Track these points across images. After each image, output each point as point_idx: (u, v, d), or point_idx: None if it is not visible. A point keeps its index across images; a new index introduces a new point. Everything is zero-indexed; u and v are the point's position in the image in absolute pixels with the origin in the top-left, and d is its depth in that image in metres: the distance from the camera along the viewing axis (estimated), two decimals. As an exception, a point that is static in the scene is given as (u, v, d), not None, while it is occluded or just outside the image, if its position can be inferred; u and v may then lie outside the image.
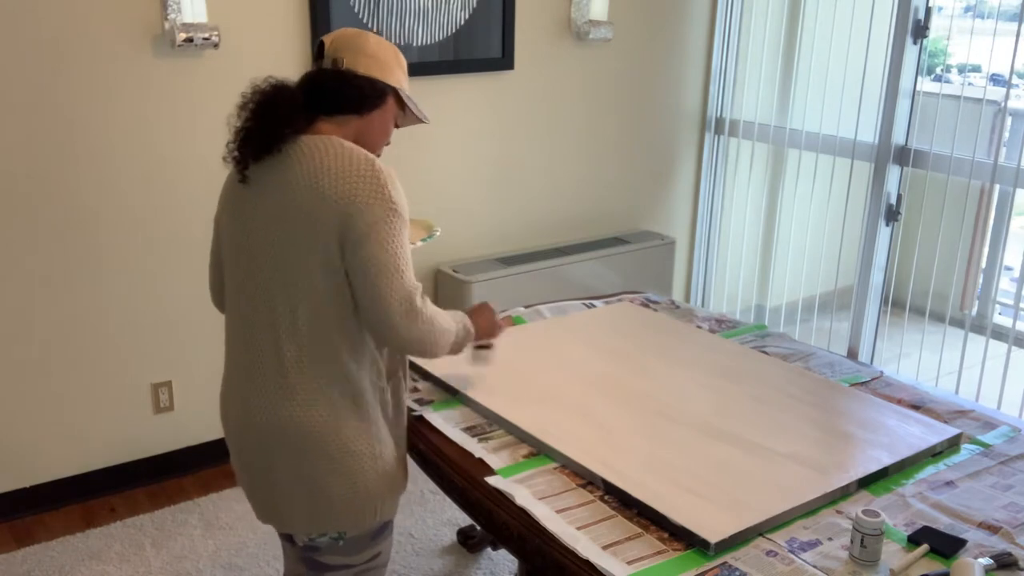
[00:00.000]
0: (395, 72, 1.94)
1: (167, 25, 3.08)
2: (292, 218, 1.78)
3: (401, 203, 1.81)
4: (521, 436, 2.16)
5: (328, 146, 1.81)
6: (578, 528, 1.82)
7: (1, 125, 2.97)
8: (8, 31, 2.91)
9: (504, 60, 3.91)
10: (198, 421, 3.55)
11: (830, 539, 1.80)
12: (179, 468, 3.55)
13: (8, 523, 3.23)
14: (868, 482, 1.99)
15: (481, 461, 2.07)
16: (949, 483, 2.01)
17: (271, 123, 1.81)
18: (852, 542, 1.71)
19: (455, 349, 2.01)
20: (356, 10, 3.47)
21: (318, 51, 1.95)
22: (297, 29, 3.40)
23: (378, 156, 1.93)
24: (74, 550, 3.08)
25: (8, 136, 2.98)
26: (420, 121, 2.06)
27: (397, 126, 2.02)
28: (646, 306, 3.04)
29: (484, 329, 2.16)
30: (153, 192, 3.26)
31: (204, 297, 3.43)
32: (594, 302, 3.06)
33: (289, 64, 3.41)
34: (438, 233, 2.96)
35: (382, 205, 1.77)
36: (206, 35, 3.10)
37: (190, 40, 3.08)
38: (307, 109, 1.87)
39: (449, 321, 1.93)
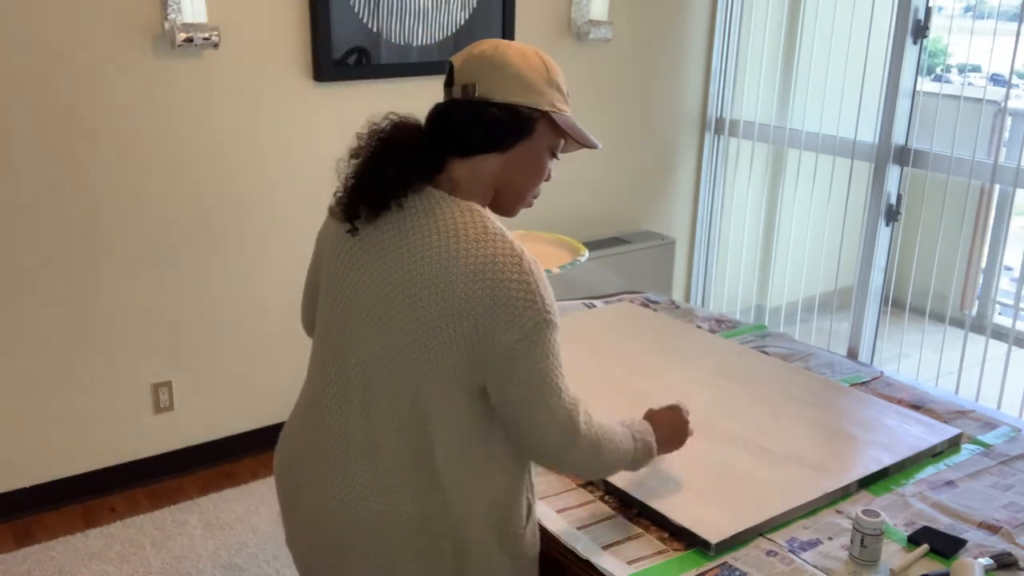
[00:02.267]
0: (545, 92, 1.57)
1: (167, 25, 3.08)
2: (405, 302, 1.48)
3: (555, 309, 1.50)
4: None
5: (468, 225, 1.48)
6: (578, 528, 1.82)
7: (0, 125, 2.97)
8: (8, 31, 2.91)
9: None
10: (198, 421, 3.55)
11: (830, 539, 1.80)
12: (179, 468, 3.55)
13: (8, 523, 3.23)
14: (868, 482, 1.99)
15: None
16: (949, 483, 2.01)
17: (390, 172, 1.50)
18: (852, 542, 1.71)
19: (632, 468, 1.72)
20: (356, 10, 3.47)
21: (448, 76, 1.59)
22: (297, 29, 3.40)
23: (534, 198, 1.66)
24: (74, 550, 3.08)
25: (8, 136, 2.98)
26: (587, 147, 1.68)
27: (556, 157, 1.65)
28: (646, 306, 3.04)
29: (667, 442, 1.82)
30: (153, 192, 3.26)
31: (204, 297, 3.43)
32: (594, 302, 3.06)
33: (289, 64, 3.41)
34: (585, 257, 2.66)
35: (532, 316, 1.46)
36: (206, 35, 3.10)
37: (190, 40, 3.08)
38: (437, 150, 1.55)
39: (623, 440, 1.64)
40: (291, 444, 1.67)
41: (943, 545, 1.75)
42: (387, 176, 1.50)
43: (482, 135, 1.54)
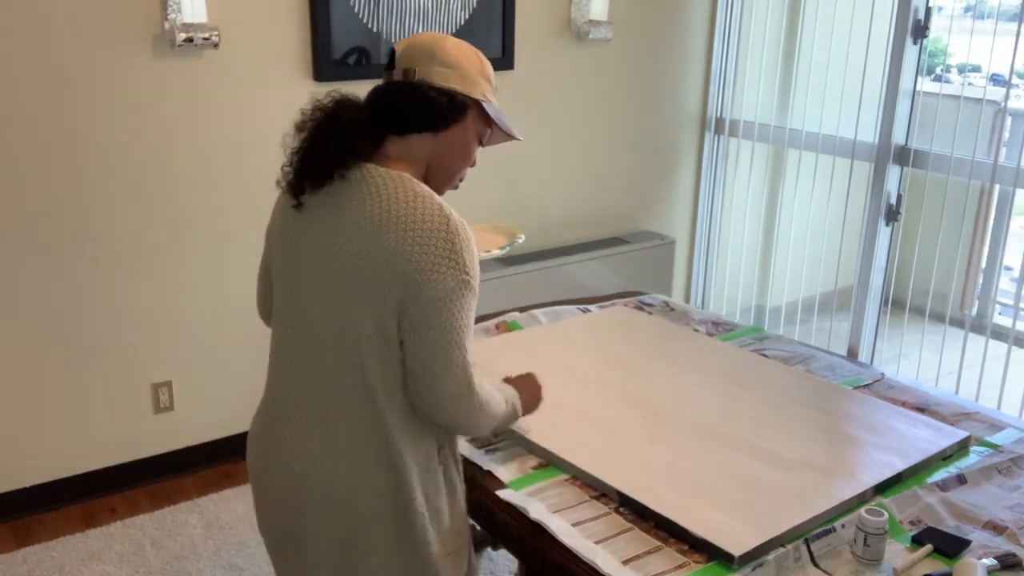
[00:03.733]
0: (478, 83, 1.69)
1: (167, 25, 3.07)
2: (346, 265, 1.58)
3: (475, 272, 1.60)
4: (528, 446, 2.11)
5: (399, 189, 1.59)
6: (596, 543, 1.77)
7: (0, 125, 2.96)
8: (7, 31, 2.90)
9: (504, 60, 3.90)
10: (198, 421, 3.54)
11: (843, 526, 1.79)
12: (179, 468, 3.54)
13: (8, 523, 3.22)
14: (883, 488, 1.97)
15: (481, 468, 2.03)
16: (959, 478, 2.00)
17: (332, 146, 1.60)
18: (855, 541, 1.71)
19: (498, 430, 1.86)
20: (356, 10, 3.47)
21: (388, 61, 1.72)
22: (297, 29, 3.40)
23: (460, 181, 1.78)
24: (74, 550, 3.07)
25: (7, 136, 2.97)
26: (510, 138, 1.80)
27: (482, 144, 1.77)
28: (641, 309, 3.01)
29: (530, 406, 1.99)
30: (153, 192, 3.25)
31: (205, 297, 3.43)
32: (588, 307, 3.03)
33: (289, 64, 3.41)
34: (521, 240, 2.79)
35: (454, 275, 1.56)
36: (206, 35, 3.09)
37: (190, 40, 3.07)
38: (376, 127, 1.66)
39: (500, 403, 1.77)
40: (258, 428, 1.78)
41: (947, 545, 1.75)
42: (330, 149, 1.59)
43: (419, 115, 1.65)
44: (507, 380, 1.98)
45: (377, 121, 1.65)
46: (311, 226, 1.63)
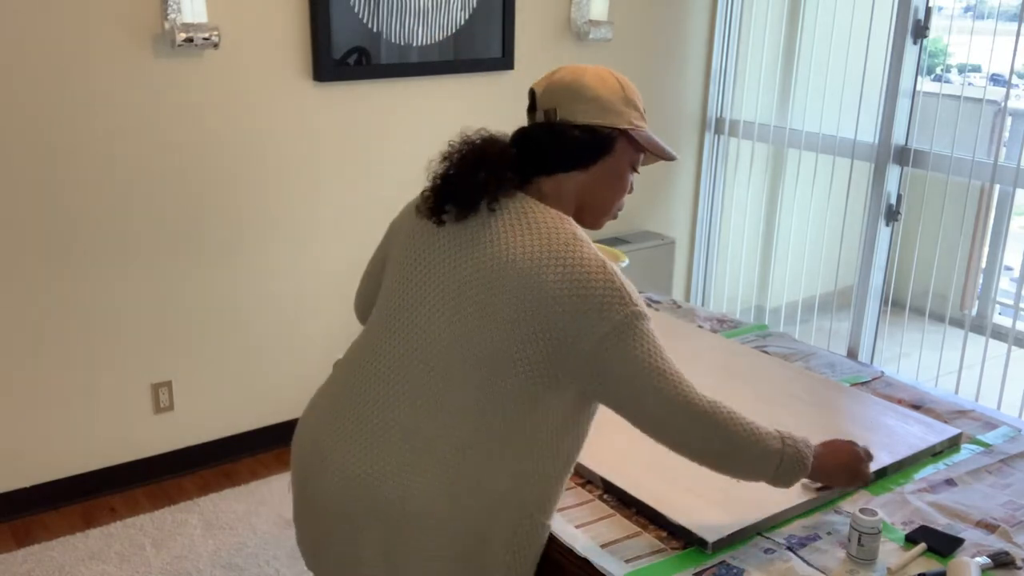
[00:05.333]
0: (622, 112, 1.66)
1: (167, 25, 3.08)
2: (485, 293, 1.54)
3: (642, 303, 1.56)
4: None
5: (560, 229, 1.57)
6: (576, 527, 1.82)
7: (0, 124, 2.97)
8: (7, 30, 2.91)
9: (504, 60, 3.91)
10: (198, 421, 3.55)
11: (829, 533, 1.80)
12: (179, 468, 3.55)
13: (8, 523, 3.23)
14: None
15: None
16: (948, 482, 2.01)
17: (481, 175, 1.58)
18: (849, 540, 1.71)
19: (779, 478, 1.67)
20: (356, 10, 3.47)
21: (530, 102, 1.71)
22: (297, 29, 3.41)
23: (617, 211, 1.75)
24: (74, 550, 3.08)
25: (7, 135, 2.98)
26: (664, 159, 1.76)
27: (636, 171, 1.74)
28: (647, 306, 3.03)
29: (836, 469, 1.77)
30: (152, 192, 3.26)
31: (205, 297, 3.44)
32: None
33: (289, 64, 3.42)
34: (626, 263, 2.78)
35: (622, 309, 1.53)
36: (206, 35, 3.10)
37: (190, 40, 3.08)
38: (523, 168, 1.64)
39: (764, 436, 1.62)
40: (319, 420, 1.70)
41: (940, 544, 1.75)
42: (478, 178, 1.59)
43: (564, 154, 1.64)
44: (825, 442, 1.80)
45: (524, 162, 1.64)
46: (447, 246, 1.61)
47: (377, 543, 1.59)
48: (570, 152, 1.64)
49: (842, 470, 1.79)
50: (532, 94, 1.70)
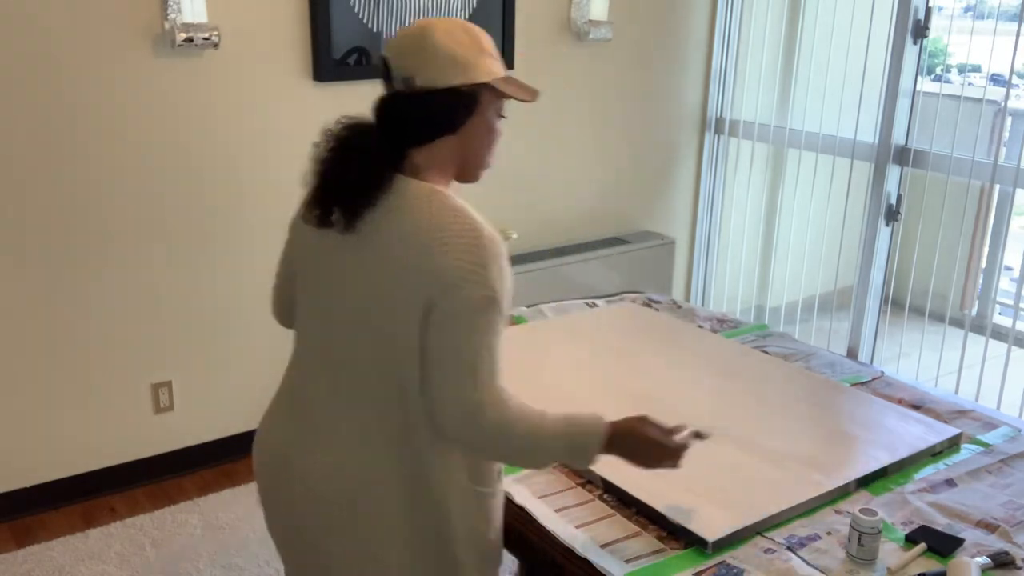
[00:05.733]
0: (480, 62, 1.59)
1: (167, 25, 3.08)
2: (371, 280, 1.56)
3: (500, 288, 1.54)
4: None
5: (432, 205, 1.55)
6: (577, 527, 1.82)
7: (0, 124, 2.97)
8: (7, 30, 2.91)
9: (504, 60, 3.90)
10: (198, 421, 3.55)
11: (829, 533, 1.80)
12: (179, 468, 3.55)
13: (8, 523, 3.23)
14: (867, 481, 1.99)
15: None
16: (948, 482, 2.01)
17: (355, 184, 1.56)
18: (849, 540, 1.71)
19: (546, 461, 1.69)
20: (356, 10, 3.47)
21: (384, 70, 1.62)
22: (297, 29, 3.41)
23: (490, 163, 1.72)
24: (74, 550, 3.08)
25: (7, 135, 2.98)
26: (532, 95, 1.69)
27: (503, 116, 1.71)
28: (648, 306, 3.04)
29: (630, 450, 1.69)
30: (152, 191, 3.26)
31: (204, 296, 3.44)
32: (596, 301, 3.06)
33: (289, 64, 3.42)
34: (514, 236, 2.71)
35: (478, 289, 1.51)
36: (206, 35, 3.10)
37: (190, 40, 3.08)
38: (394, 143, 1.60)
39: (544, 437, 1.59)
40: (275, 432, 1.73)
41: (940, 544, 1.75)
42: (355, 179, 1.56)
43: (433, 123, 1.59)
44: (624, 420, 1.71)
45: (393, 137, 1.60)
46: (345, 243, 1.60)
47: (343, 542, 1.64)
48: (437, 119, 1.59)
49: (635, 462, 1.71)
50: (385, 61, 1.61)
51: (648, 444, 1.68)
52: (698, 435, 1.80)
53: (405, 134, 1.60)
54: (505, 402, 1.55)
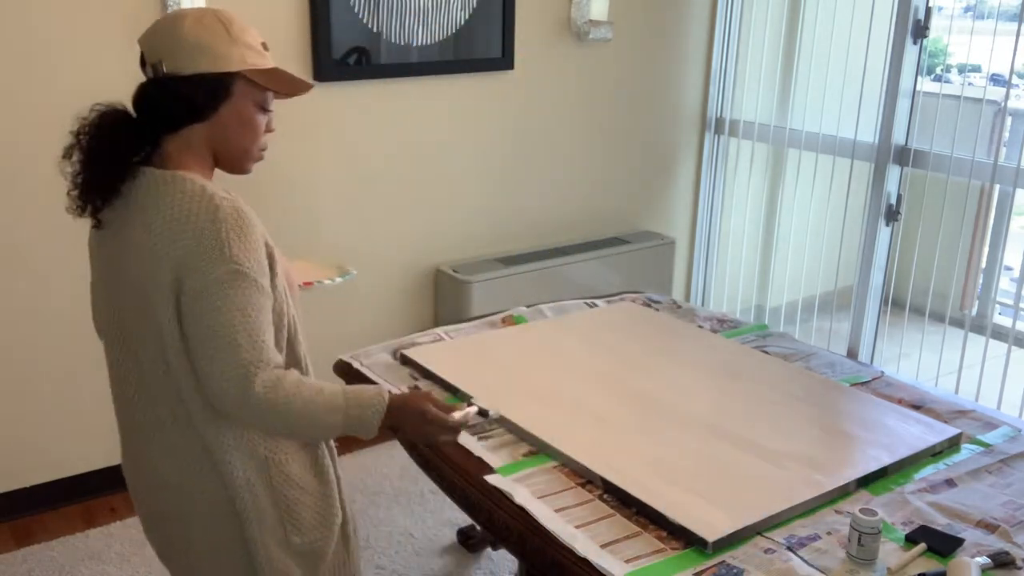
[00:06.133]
0: (231, 51, 1.59)
1: (167, 25, 3.08)
2: (130, 276, 1.58)
3: (247, 260, 1.53)
4: (521, 435, 2.16)
5: (172, 191, 1.56)
6: (577, 527, 1.82)
7: (0, 125, 2.97)
8: (5, 30, 2.91)
9: (504, 60, 3.91)
10: (198, 421, 3.55)
11: (829, 533, 1.80)
12: (179, 468, 3.55)
13: (8, 523, 3.23)
14: (867, 481, 1.99)
15: (481, 460, 2.07)
16: (948, 482, 2.01)
17: (103, 168, 1.59)
18: (849, 540, 1.72)
19: (321, 436, 1.71)
20: (356, 10, 3.47)
21: (141, 57, 1.63)
22: (297, 29, 3.41)
23: (262, 151, 1.72)
24: (74, 550, 3.08)
25: (7, 136, 2.98)
26: (301, 88, 1.68)
27: (267, 109, 1.68)
28: (648, 306, 3.04)
29: (404, 429, 1.73)
30: (153, 192, 3.26)
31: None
32: (596, 301, 3.06)
33: (289, 64, 3.42)
34: (353, 274, 2.76)
35: (221, 264, 1.51)
36: (206, 35, 3.10)
37: (190, 40, 3.08)
38: (148, 129, 1.62)
39: (319, 407, 1.60)
40: (122, 437, 1.80)
41: (940, 544, 1.75)
42: (104, 167, 1.58)
43: (180, 110, 1.59)
44: (402, 395, 1.74)
45: (147, 123, 1.61)
46: (106, 241, 1.65)
47: (176, 526, 1.72)
48: (184, 106, 1.58)
49: (415, 436, 1.77)
50: (141, 48, 1.63)
51: (426, 418, 1.71)
52: (481, 412, 1.84)
53: (157, 121, 1.61)
54: (278, 377, 1.56)
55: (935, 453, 2.13)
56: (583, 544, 1.76)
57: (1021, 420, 2.40)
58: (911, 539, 1.78)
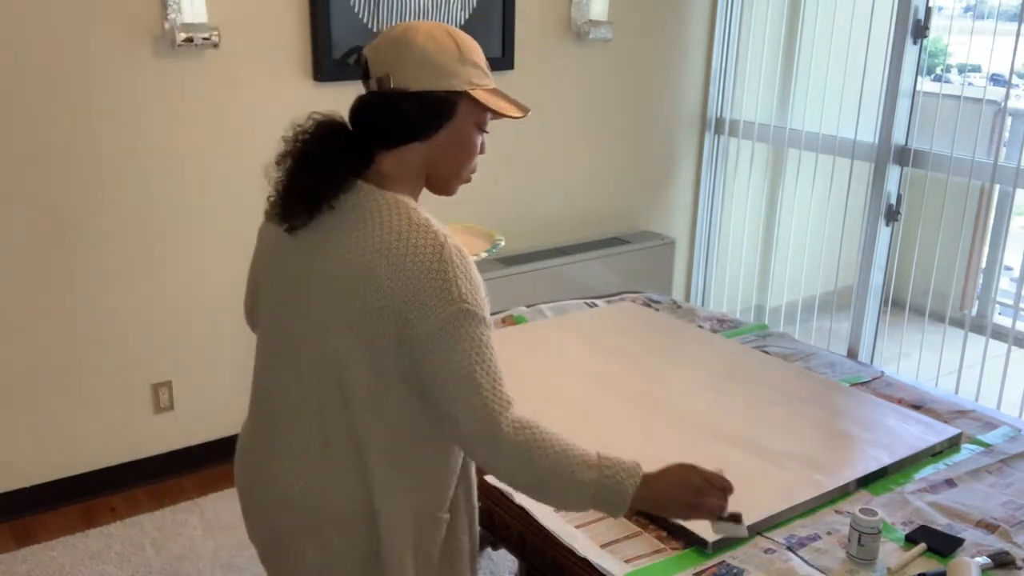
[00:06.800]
0: (460, 70, 1.52)
1: (167, 25, 3.08)
2: (335, 295, 1.49)
3: (475, 300, 1.47)
4: None
5: (393, 219, 1.48)
6: (577, 527, 1.82)
7: (1, 124, 2.97)
8: (7, 30, 2.91)
9: (504, 60, 3.91)
10: (198, 421, 3.55)
11: (829, 533, 1.80)
12: (179, 468, 3.55)
13: (8, 523, 3.23)
14: (867, 481, 1.99)
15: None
16: (948, 482, 2.01)
17: (318, 180, 1.51)
18: (849, 540, 1.71)
19: (589, 506, 1.51)
20: (356, 10, 3.47)
21: (364, 68, 1.57)
22: (297, 29, 3.41)
23: (469, 177, 1.64)
24: (74, 550, 3.08)
25: (7, 136, 2.98)
26: (520, 110, 1.61)
27: (484, 131, 1.62)
28: (648, 306, 3.04)
29: (660, 502, 1.56)
30: (152, 192, 3.26)
31: (204, 297, 3.44)
32: (596, 301, 3.06)
33: (289, 64, 3.42)
34: (501, 243, 2.66)
35: (448, 305, 1.44)
36: (206, 35, 3.10)
37: (190, 40, 3.08)
38: (364, 144, 1.55)
39: (576, 465, 1.48)
40: (247, 443, 1.71)
41: (940, 544, 1.75)
42: (316, 178, 1.51)
43: (402, 127, 1.52)
44: (665, 468, 1.58)
45: (364, 138, 1.55)
46: (302, 254, 1.55)
47: (310, 546, 1.60)
48: (407, 123, 1.52)
49: (674, 503, 1.56)
50: (366, 59, 1.56)
51: (693, 485, 1.56)
52: (733, 517, 1.60)
53: (375, 136, 1.54)
54: (526, 419, 1.48)
55: (935, 453, 2.13)
56: (583, 544, 1.76)
57: (1021, 420, 2.40)
58: (911, 539, 1.78)
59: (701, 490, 1.55)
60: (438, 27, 1.55)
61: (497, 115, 1.60)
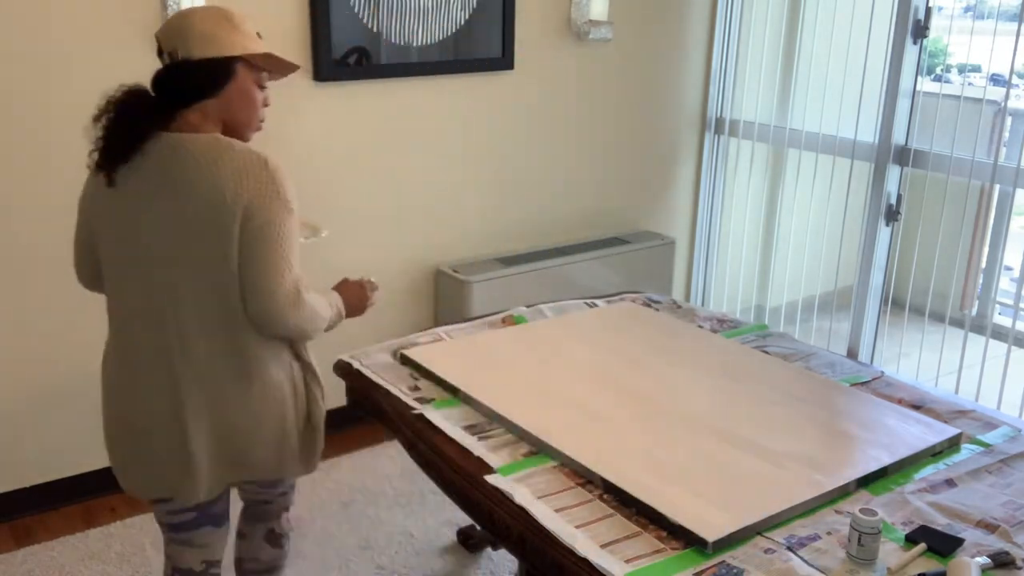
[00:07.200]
0: (231, 39, 1.96)
1: (167, 25, 3.08)
2: (190, 220, 1.89)
3: (294, 201, 1.95)
4: (521, 435, 2.16)
5: (212, 143, 1.91)
6: (577, 527, 1.82)
7: (1, 124, 2.97)
8: (6, 30, 2.91)
9: (504, 60, 3.91)
10: (198, 421, 3.54)
11: (828, 533, 1.80)
12: (179, 468, 3.54)
13: (8, 523, 3.23)
14: (867, 481, 1.99)
15: (481, 460, 2.07)
16: (948, 482, 2.02)
17: (132, 126, 1.91)
18: (849, 541, 1.72)
19: (327, 329, 2.14)
20: (356, 10, 3.47)
21: (158, 48, 2.00)
22: (297, 29, 3.41)
23: (259, 126, 2.09)
24: (74, 550, 3.08)
25: (7, 136, 2.98)
26: (290, 68, 2.08)
27: (263, 87, 2.07)
28: (648, 306, 3.04)
29: (354, 307, 2.25)
30: (153, 192, 3.26)
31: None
32: (596, 301, 3.06)
33: (289, 64, 3.41)
34: (325, 235, 2.90)
35: (279, 204, 1.91)
36: (206, 35, 3.11)
37: (190, 40, 3.09)
38: (169, 106, 1.95)
39: (326, 307, 2.07)
40: (114, 372, 2.09)
41: (940, 544, 1.75)
42: (129, 127, 1.91)
43: (193, 87, 1.95)
44: (341, 284, 2.27)
45: (165, 100, 1.94)
46: (139, 196, 1.93)
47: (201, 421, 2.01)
48: (197, 84, 1.94)
49: (358, 303, 2.27)
50: (157, 40, 1.97)
51: (363, 298, 2.27)
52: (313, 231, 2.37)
53: (175, 97, 1.95)
54: (307, 289, 1.98)
55: (935, 453, 2.13)
56: (583, 544, 1.76)
57: (1021, 420, 2.40)
58: (911, 539, 1.78)
59: (364, 302, 2.28)
60: (211, 8, 1.98)
61: (272, 74, 2.08)
